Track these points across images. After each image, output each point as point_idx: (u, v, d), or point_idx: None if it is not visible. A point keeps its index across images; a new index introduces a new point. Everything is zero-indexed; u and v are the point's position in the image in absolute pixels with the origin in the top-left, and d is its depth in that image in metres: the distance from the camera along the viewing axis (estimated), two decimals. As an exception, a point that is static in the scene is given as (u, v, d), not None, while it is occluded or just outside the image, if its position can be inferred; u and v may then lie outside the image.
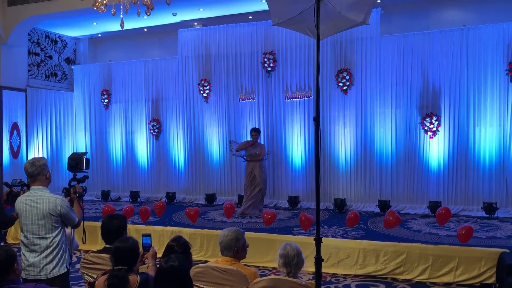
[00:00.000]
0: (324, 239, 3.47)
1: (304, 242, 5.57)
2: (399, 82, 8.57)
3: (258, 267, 6.04)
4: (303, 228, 6.70)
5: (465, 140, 8.19)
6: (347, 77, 8.79)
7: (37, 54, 10.90)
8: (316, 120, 3.04)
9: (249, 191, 8.18)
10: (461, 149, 8.22)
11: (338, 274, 6.04)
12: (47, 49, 11.18)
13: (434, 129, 8.32)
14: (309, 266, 4.79)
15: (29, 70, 10.63)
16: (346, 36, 8.80)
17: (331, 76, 8.94)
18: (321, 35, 3.02)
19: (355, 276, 5.97)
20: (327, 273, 5.94)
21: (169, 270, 2.42)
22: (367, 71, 8.74)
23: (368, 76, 8.73)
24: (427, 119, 8.36)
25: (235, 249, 3.45)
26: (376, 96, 8.71)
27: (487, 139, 8.05)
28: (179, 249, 3.15)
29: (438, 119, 8.30)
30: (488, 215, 7.65)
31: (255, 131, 8.28)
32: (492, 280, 5.44)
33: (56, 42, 11.42)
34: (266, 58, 9.42)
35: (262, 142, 9.45)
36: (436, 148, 8.36)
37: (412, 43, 8.47)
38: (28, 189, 4.06)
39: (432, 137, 8.36)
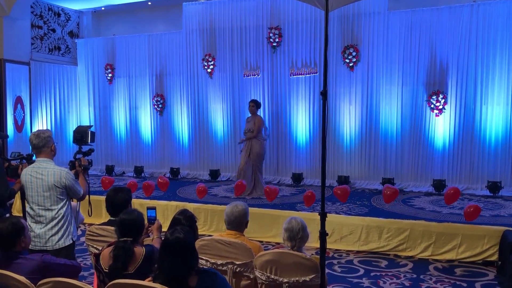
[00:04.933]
0: (327, 215, 3.47)
1: (308, 218, 5.57)
2: (406, 59, 8.45)
3: (261, 242, 6.08)
4: (306, 204, 6.71)
5: (471, 119, 8.12)
6: (354, 53, 8.68)
7: (40, 27, 10.79)
8: (324, 94, 2.99)
9: (246, 173, 7.73)
10: (467, 127, 8.15)
11: (340, 250, 6.08)
12: (50, 22, 11.06)
13: (441, 107, 8.24)
14: (312, 242, 4.82)
15: (32, 44, 10.54)
16: (353, 11, 8.66)
17: (337, 52, 8.82)
18: (330, 6, 2.95)
19: (358, 252, 6.01)
20: (330, 248, 5.98)
21: (174, 242, 2.42)
22: (374, 47, 8.61)
23: (375, 52, 8.61)
24: (434, 97, 8.27)
25: (240, 223, 3.46)
26: (382, 73, 8.61)
27: (493, 118, 7.97)
28: (185, 222, 3.16)
29: (445, 97, 8.22)
30: (492, 194, 7.64)
31: (252, 102, 7.87)
32: (494, 257, 5.47)
33: (59, 15, 11.29)
34: (272, 33, 9.30)
35: (263, 118, 9.40)
36: (441, 126, 8.30)
37: (420, 19, 8.31)
38: (27, 162, 4.08)
39: (438, 115, 8.29)
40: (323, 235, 3.08)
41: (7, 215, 4.28)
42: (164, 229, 3.37)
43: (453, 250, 5.64)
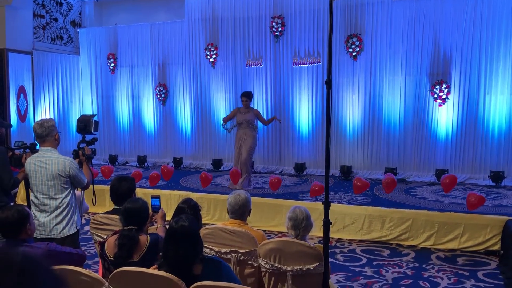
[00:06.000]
0: (330, 204, 3.47)
1: (310, 208, 5.58)
2: (409, 49, 8.40)
3: (264, 231, 6.08)
4: (312, 194, 6.73)
5: (474, 108, 8.09)
6: (357, 43, 8.63)
7: (42, 17, 10.75)
8: (328, 83, 2.99)
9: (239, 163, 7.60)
10: (470, 117, 8.13)
11: (343, 239, 6.11)
12: (52, 12, 11.01)
13: (444, 96, 8.21)
14: (315, 231, 4.84)
15: (34, 33, 10.51)
16: (357, 0, 8.60)
17: (340, 41, 8.77)
18: (335, -6, 2.93)
19: (360, 241, 6.03)
20: (332, 238, 6.00)
21: (179, 230, 2.43)
22: (377, 37, 8.56)
23: (378, 42, 8.56)
24: (437, 87, 8.24)
25: (244, 212, 3.48)
26: (385, 62, 8.57)
27: (497, 107, 7.94)
28: (189, 210, 3.17)
29: (448, 87, 8.18)
30: (494, 184, 7.64)
31: (244, 96, 7.64)
32: (496, 247, 5.48)
33: (61, 4, 11.24)
34: (275, 22, 9.24)
35: (266, 107, 9.44)
36: (445, 116, 8.27)
37: (424, 8, 8.25)
38: (30, 151, 4.08)
39: (441, 105, 8.26)
40: (326, 224, 3.09)
41: (11, 204, 4.30)
42: (168, 218, 3.39)
43: (456, 240, 5.66)
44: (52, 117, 10.64)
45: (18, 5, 9.76)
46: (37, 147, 3.91)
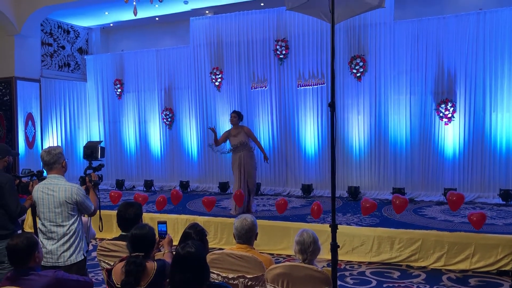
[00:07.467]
0: (338, 227, 3.45)
1: (318, 230, 5.54)
2: (413, 68, 8.44)
3: (272, 254, 6.05)
4: (314, 217, 6.67)
5: (481, 126, 8.06)
6: (361, 64, 8.69)
7: (50, 45, 10.95)
8: (332, 106, 3.00)
9: (242, 186, 7.31)
10: (477, 135, 8.09)
11: (352, 261, 6.03)
12: (59, 40, 11.22)
13: (450, 115, 8.20)
14: (323, 254, 4.80)
15: (42, 61, 10.69)
16: (359, 21, 8.69)
17: (344, 62, 8.84)
18: (336, 19, 2.97)
19: (370, 263, 5.96)
20: (341, 260, 5.93)
21: (186, 256, 2.42)
22: (381, 57, 8.62)
23: (382, 62, 8.61)
24: (442, 106, 8.24)
25: (250, 236, 3.45)
26: (390, 82, 8.60)
27: (503, 125, 7.91)
28: (195, 236, 3.16)
29: (454, 105, 8.18)
30: (504, 202, 7.56)
31: (234, 113, 7.51)
32: (509, 267, 5.38)
33: (68, 32, 11.46)
34: (278, 45, 9.35)
35: (271, 130, 9.44)
36: (451, 134, 8.25)
37: (426, 28, 8.32)
38: (37, 178, 4.11)
39: (448, 124, 8.24)
40: (334, 247, 3.06)
41: (19, 231, 4.31)
42: (175, 243, 3.37)
43: (467, 260, 5.57)
44: (59, 143, 10.74)
45: (26, 33, 9.95)
46: (44, 174, 3.93)
